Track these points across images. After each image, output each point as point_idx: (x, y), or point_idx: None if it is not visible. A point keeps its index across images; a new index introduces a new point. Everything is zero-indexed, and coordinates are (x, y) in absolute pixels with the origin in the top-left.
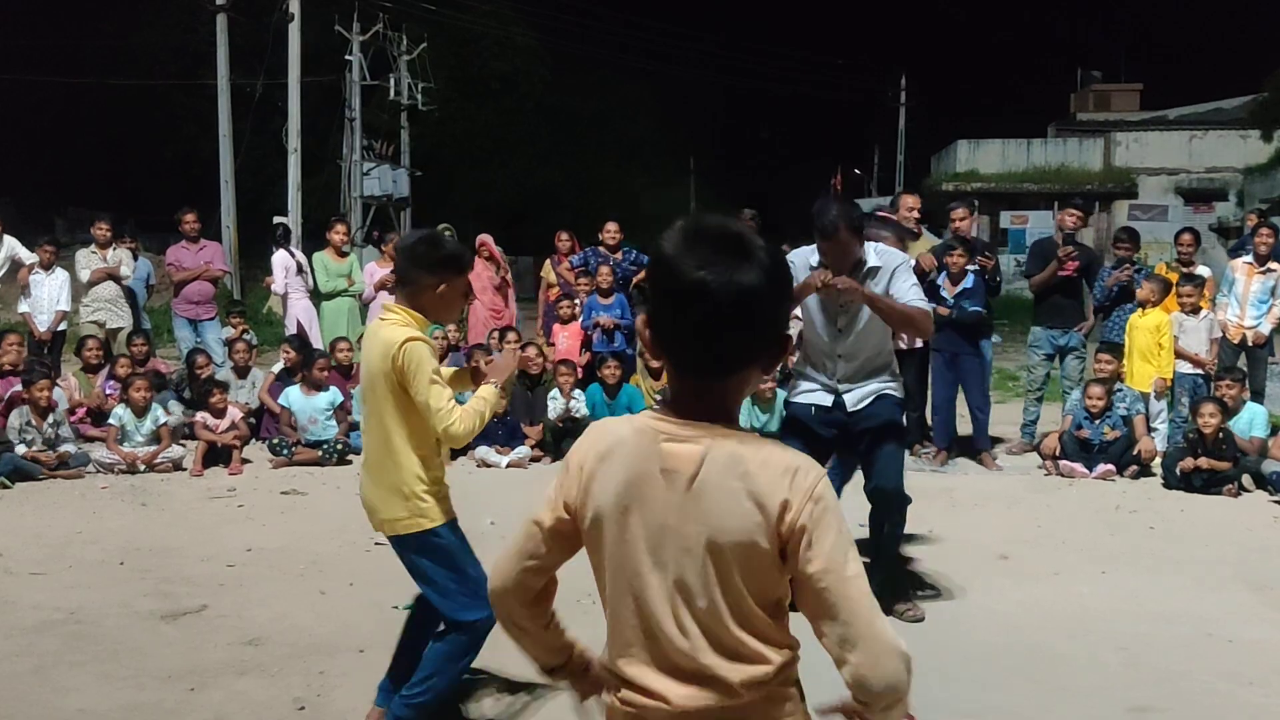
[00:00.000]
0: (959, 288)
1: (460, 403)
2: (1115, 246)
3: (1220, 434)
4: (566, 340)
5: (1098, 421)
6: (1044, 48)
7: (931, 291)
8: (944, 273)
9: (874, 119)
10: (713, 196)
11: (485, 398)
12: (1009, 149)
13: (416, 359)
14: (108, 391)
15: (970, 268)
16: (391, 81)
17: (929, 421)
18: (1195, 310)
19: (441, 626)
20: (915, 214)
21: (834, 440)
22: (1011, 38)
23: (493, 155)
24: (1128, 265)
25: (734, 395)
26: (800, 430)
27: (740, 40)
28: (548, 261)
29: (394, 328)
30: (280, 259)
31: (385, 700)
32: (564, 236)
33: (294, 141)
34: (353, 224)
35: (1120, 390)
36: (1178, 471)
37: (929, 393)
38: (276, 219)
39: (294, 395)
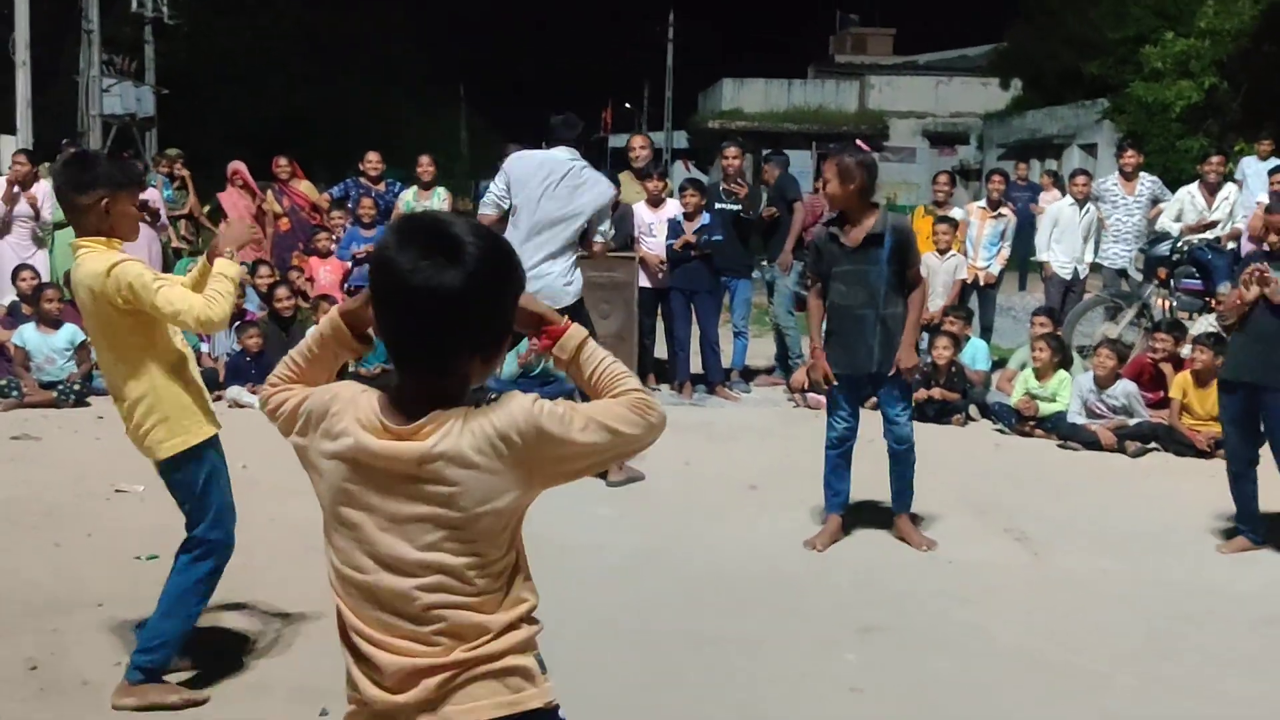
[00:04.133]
0: (696, 224)
1: None
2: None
3: (952, 367)
4: (328, 274)
5: None
6: None
7: (673, 230)
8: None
9: (643, 54)
10: (483, 126)
11: (224, 274)
12: (771, 89)
13: (130, 276)
14: None
15: (716, 205)
16: None
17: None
18: (945, 250)
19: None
20: (646, 153)
21: None
22: None
23: (247, 76)
24: None
25: (457, 389)
26: None
27: None
28: (269, 192)
29: (91, 259)
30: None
31: None
32: (282, 163)
33: (22, 53)
34: (92, 144)
35: None
36: (913, 402)
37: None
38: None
39: (28, 333)
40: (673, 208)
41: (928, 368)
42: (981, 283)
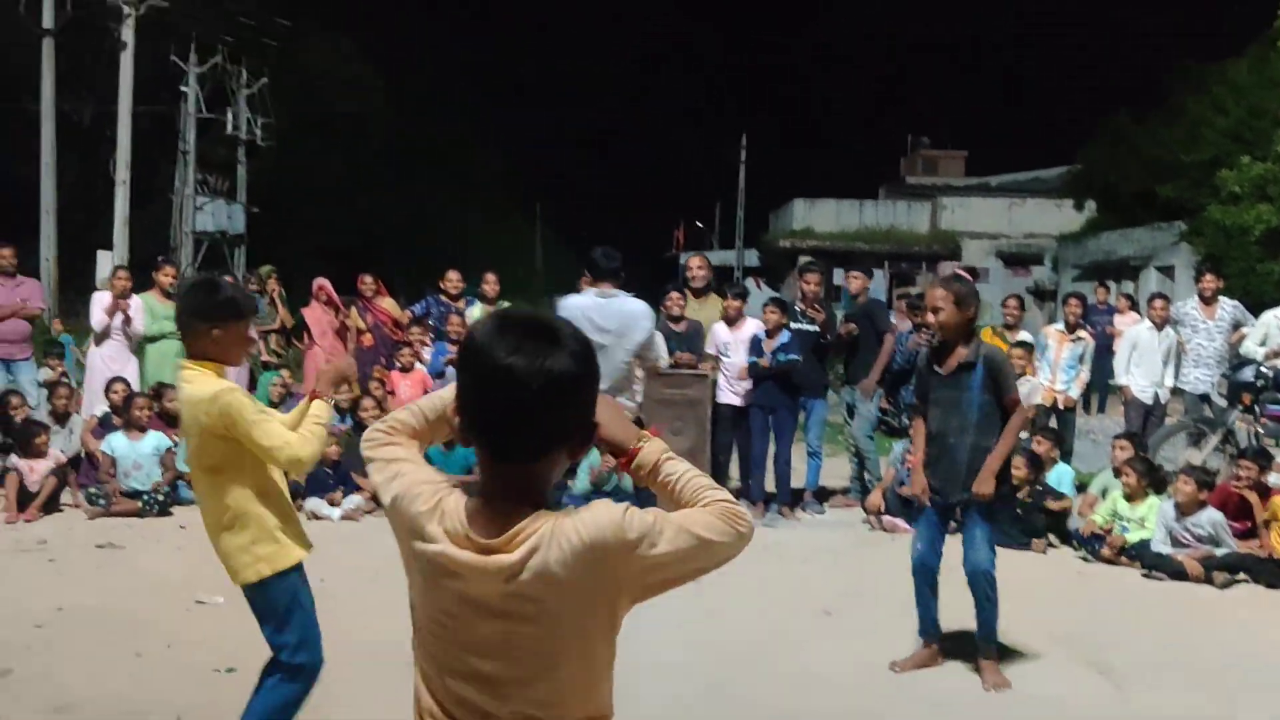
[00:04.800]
0: (776, 342)
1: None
2: (911, 314)
3: (1035, 485)
4: (408, 389)
5: None
6: (878, 113)
7: (754, 348)
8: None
9: (715, 175)
10: (557, 242)
11: (319, 415)
12: (843, 209)
13: (232, 406)
14: None
15: (793, 326)
16: (229, 115)
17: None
18: (1019, 375)
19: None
20: (703, 273)
21: None
22: (848, 102)
23: (334, 194)
24: (924, 330)
25: (543, 478)
26: None
27: (588, 94)
28: (353, 309)
29: (198, 383)
30: (102, 297)
31: None
32: (367, 280)
33: (122, 173)
34: (183, 260)
35: None
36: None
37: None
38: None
39: (117, 440)
40: (751, 326)
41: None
42: (1060, 406)
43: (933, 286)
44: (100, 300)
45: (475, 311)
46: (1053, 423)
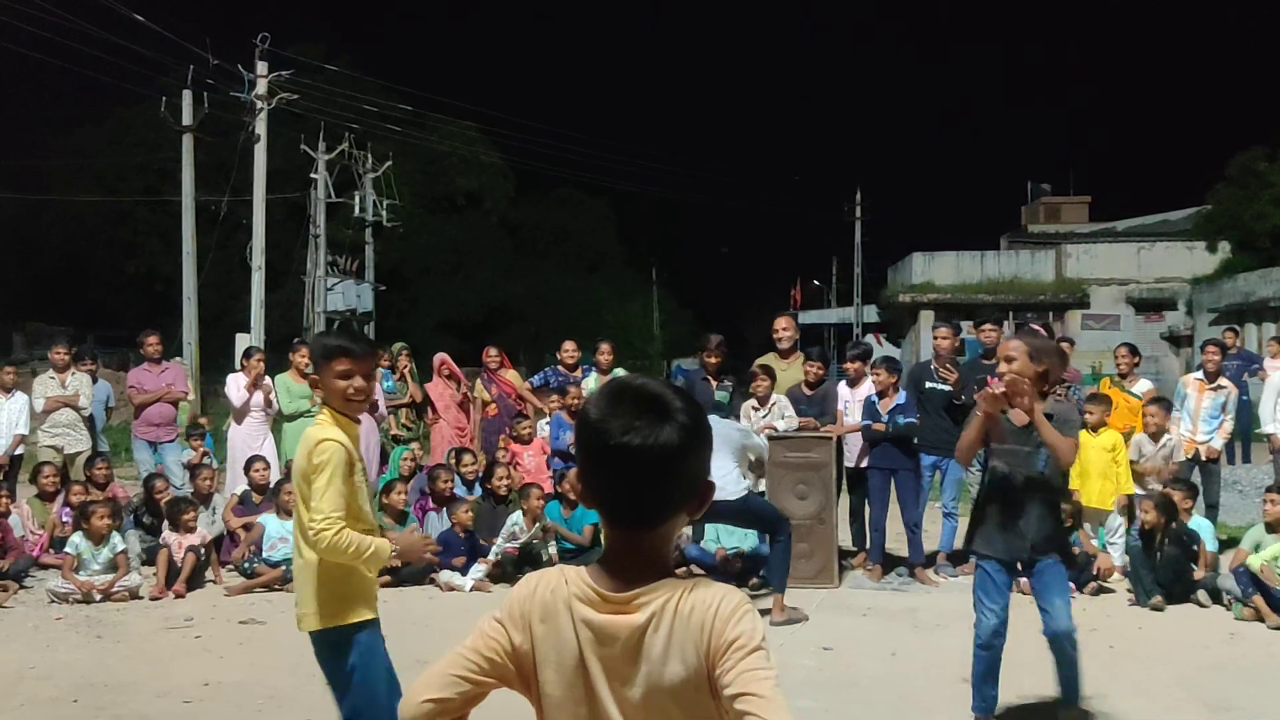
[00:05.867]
0: (890, 404)
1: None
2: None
3: (1179, 533)
4: (532, 459)
5: None
6: (995, 161)
7: (869, 409)
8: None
9: (831, 232)
10: (675, 307)
11: (379, 547)
12: (963, 260)
13: (326, 456)
14: (64, 519)
15: (926, 385)
16: (356, 198)
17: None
18: (1158, 434)
19: None
20: (790, 334)
21: None
22: (963, 152)
23: (456, 269)
24: (1060, 385)
25: (664, 542)
26: None
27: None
28: (478, 380)
29: (318, 427)
30: (238, 378)
31: None
32: (492, 353)
33: (258, 259)
34: None
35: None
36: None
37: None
38: (239, 336)
39: (269, 519)
40: (869, 386)
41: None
42: (1204, 458)
43: (1009, 339)
44: (237, 381)
45: (591, 382)
46: (1195, 476)
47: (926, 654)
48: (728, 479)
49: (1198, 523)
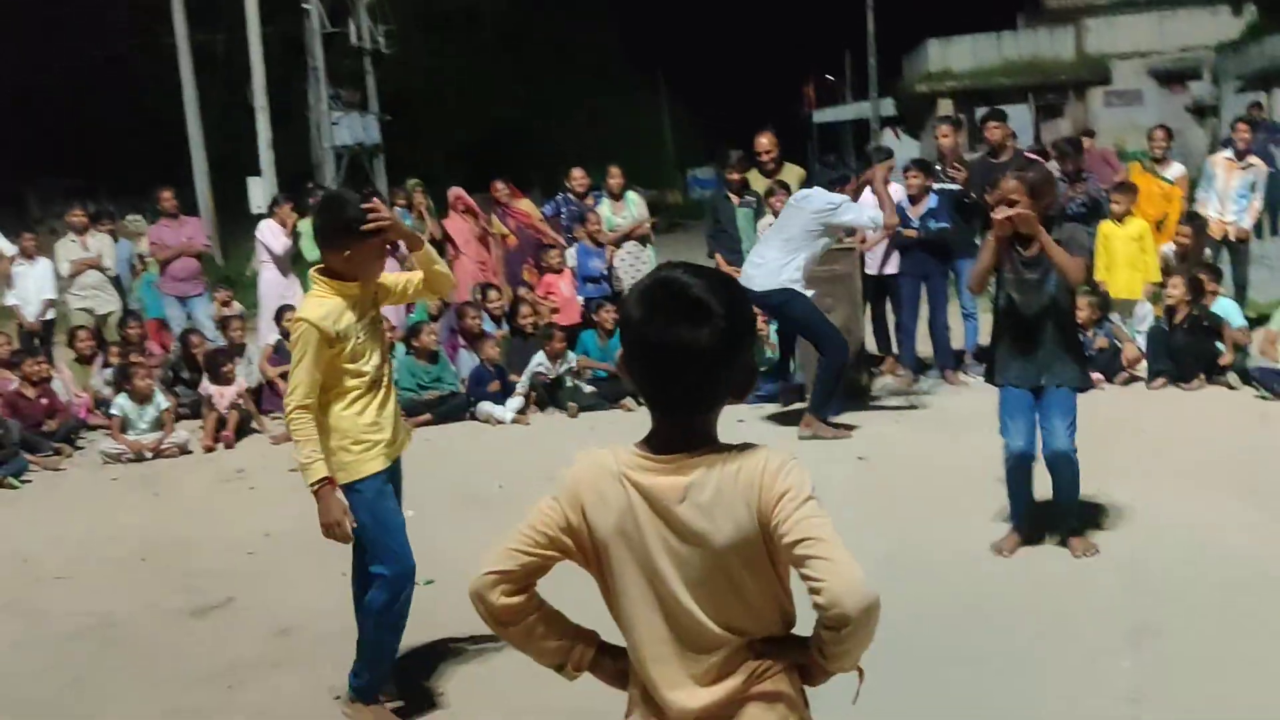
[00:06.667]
0: (923, 208)
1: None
2: (1063, 161)
3: (1199, 318)
4: (567, 288)
5: (1089, 333)
6: None
7: (900, 214)
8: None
9: (843, 22)
10: (686, 114)
11: (313, 468)
12: (979, 44)
13: (297, 335)
14: (105, 380)
15: (935, 186)
16: (351, 27)
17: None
18: (1184, 254)
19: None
20: (772, 153)
21: None
22: None
23: (460, 93)
24: (1079, 182)
25: (708, 425)
26: None
27: None
28: (493, 215)
29: (308, 303)
30: (273, 226)
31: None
32: (499, 186)
33: (260, 99)
34: (327, 175)
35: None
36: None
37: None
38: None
39: None
40: (896, 191)
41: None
42: (1232, 238)
43: (1006, 177)
44: (273, 229)
45: (604, 208)
46: (1223, 258)
47: (959, 457)
48: (761, 269)
49: (1222, 304)
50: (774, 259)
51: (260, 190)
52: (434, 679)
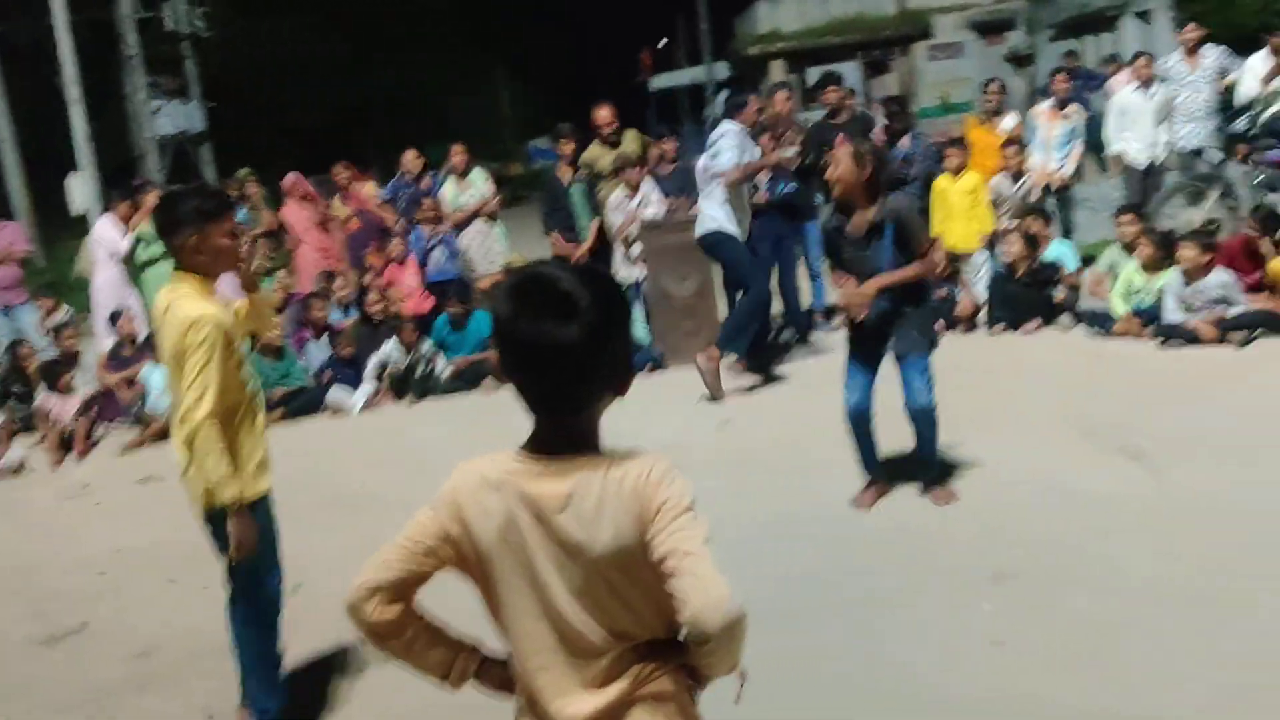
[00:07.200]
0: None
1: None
2: (890, 120)
3: (1034, 264)
4: (412, 278)
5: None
6: None
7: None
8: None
9: None
10: (524, 89)
11: (227, 486)
12: (806, 5)
13: (195, 342)
14: None
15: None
16: (166, 11)
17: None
18: (1018, 175)
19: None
20: (612, 125)
21: None
22: None
23: (289, 76)
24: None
25: (590, 424)
26: None
27: None
28: (336, 199)
29: (183, 305)
30: (110, 225)
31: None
32: (340, 170)
33: (73, 91)
34: (150, 166)
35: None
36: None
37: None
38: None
39: (151, 370)
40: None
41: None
42: (1055, 186)
43: (837, 150)
44: (113, 224)
45: (450, 187)
46: (1051, 204)
47: (818, 415)
48: (700, 217)
49: (1058, 248)
50: (704, 205)
51: (81, 187)
52: (313, 685)
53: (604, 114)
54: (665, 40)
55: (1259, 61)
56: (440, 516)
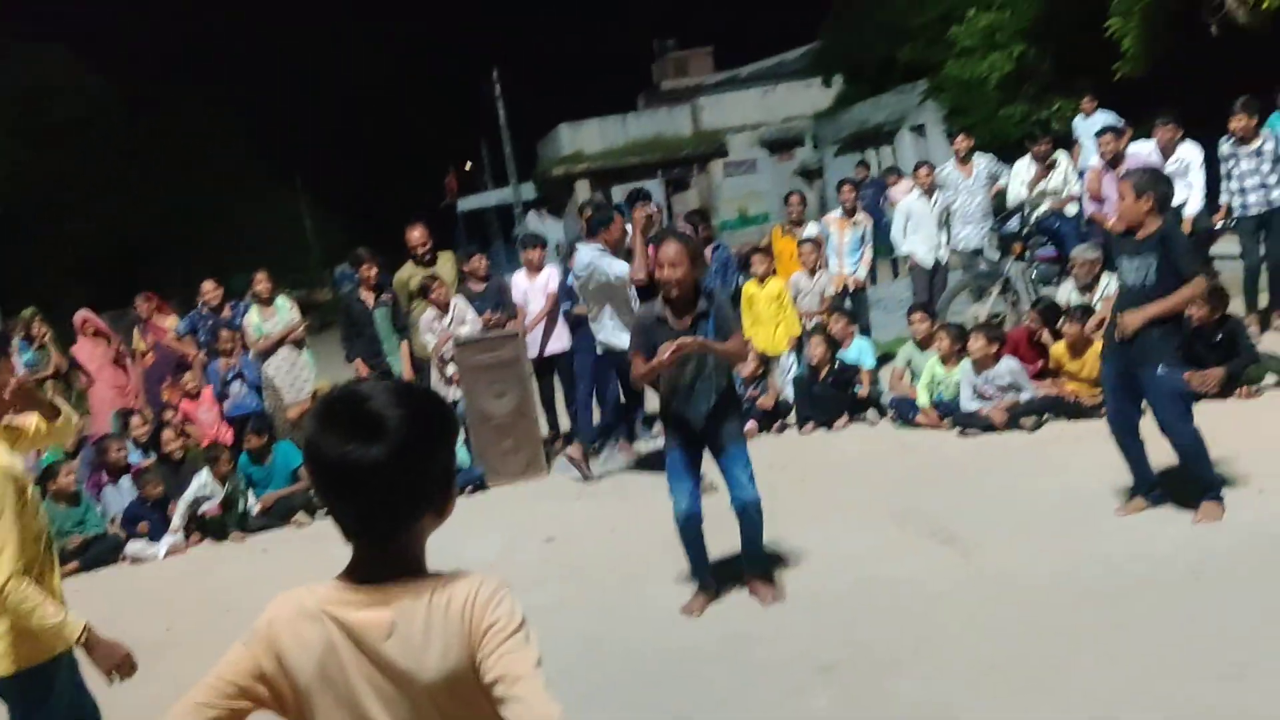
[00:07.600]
0: None
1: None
2: (695, 232)
3: (834, 364)
4: (207, 413)
5: (750, 386)
6: (621, 22)
7: (568, 294)
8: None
9: (476, 113)
10: (325, 213)
11: (69, 626)
12: (606, 126)
13: None
14: None
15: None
16: None
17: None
18: (814, 271)
19: None
20: (426, 245)
21: None
22: (590, 15)
23: (77, 206)
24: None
25: (411, 548)
26: None
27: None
28: (135, 330)
29: None
30: None
31: None
32: (140, 301)
33: None
34: None
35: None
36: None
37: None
38: None
39: None
40: (550, 273)
41: (807, 370)
42: (851, 288)
43: (666, 242)
44: None
45: (254, 316)
46: (847, 305)
47: (642, 525)
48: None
49: (858, 345)
50: (605, 322)
51: None
52: None
53: (416, 234)
54: (469, 163)
55: (1023, 167)
56: (254, 651)
